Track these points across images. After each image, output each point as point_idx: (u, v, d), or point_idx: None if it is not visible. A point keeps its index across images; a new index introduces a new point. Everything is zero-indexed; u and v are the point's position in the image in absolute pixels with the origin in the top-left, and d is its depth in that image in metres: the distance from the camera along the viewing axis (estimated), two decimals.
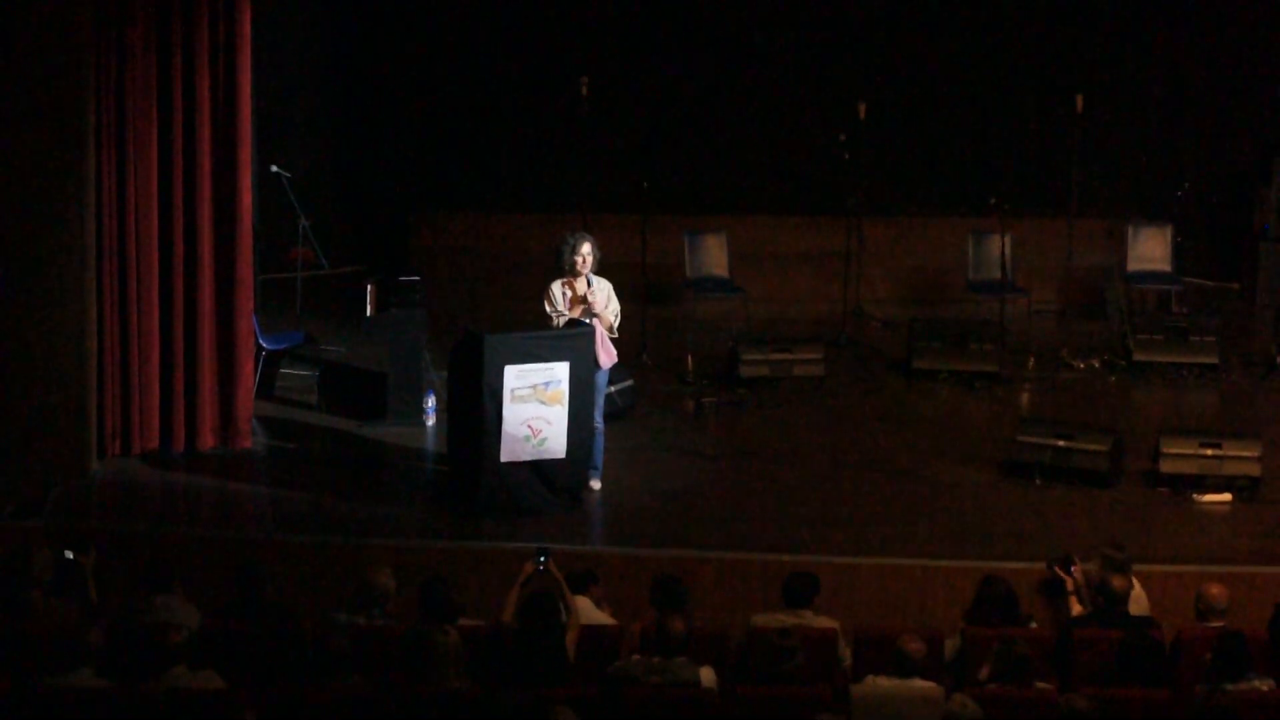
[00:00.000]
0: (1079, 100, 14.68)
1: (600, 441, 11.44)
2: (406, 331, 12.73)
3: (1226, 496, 11.47)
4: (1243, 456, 11.53)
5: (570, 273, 11.23)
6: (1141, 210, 15.40)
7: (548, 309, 11.20)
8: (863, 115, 14.82)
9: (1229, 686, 8.11)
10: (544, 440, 11.03)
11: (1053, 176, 15.75)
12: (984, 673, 8.19)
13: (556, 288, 11.23)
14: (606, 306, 11.24)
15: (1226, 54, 15.91)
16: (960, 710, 7.67)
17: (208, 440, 12.09)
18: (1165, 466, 11.58)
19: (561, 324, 11.16)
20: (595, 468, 11.47)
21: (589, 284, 11.24)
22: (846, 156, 14.71)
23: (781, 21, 16.19)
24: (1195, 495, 11.49)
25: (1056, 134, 15.56)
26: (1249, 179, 15.85)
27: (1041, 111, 16.09)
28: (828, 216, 15.49)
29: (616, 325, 11.32)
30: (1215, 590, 9.05)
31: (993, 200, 14.33)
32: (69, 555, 9.17)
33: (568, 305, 11.20)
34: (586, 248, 11.21)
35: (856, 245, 14.92)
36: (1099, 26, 16.04)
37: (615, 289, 11.37)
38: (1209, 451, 11.55)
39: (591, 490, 11.44)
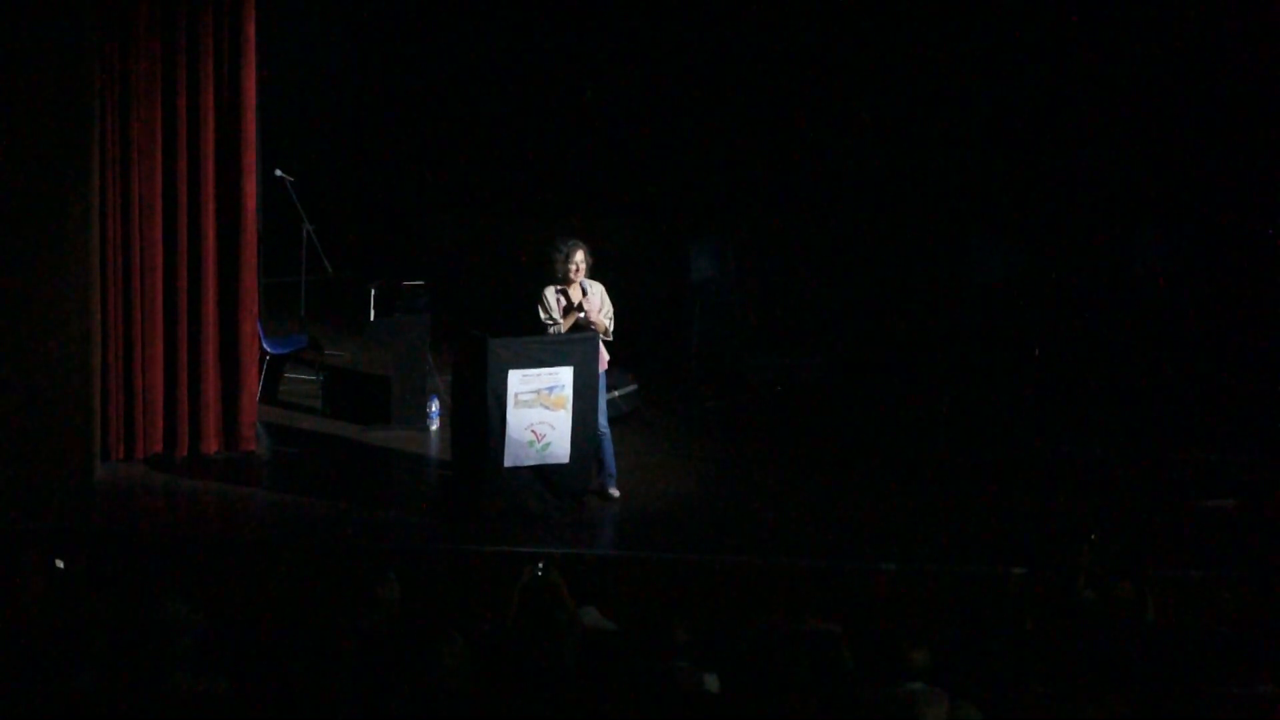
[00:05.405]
0: None
1: (609, 447, 11.42)
2: (410, 336, 12.75)
3: (1230, 501, 11.49)
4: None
5: (563, 280, 11.22)
6: None
7: (542, 315, 11.19)
8: (865, 120, 14.85)
9: (1233, 691, 8.12)
10: (547, 445, 11.04)
11: None
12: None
13: (550, 294, 11.22)
14: (600, 310, 11.25)
15: None
16: (962, 715, 7.68)
17: (211, 444, 12.11)
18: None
19: (556, 331, 11.14)
20: (611, 474, 11.44)
21: (584, 291, 11.23)
22: (849, 162, 14.76)
23: (785, 25, 16.21)
24: (1199, 500, 11.52)
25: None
26: None
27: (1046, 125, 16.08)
28: (829, 220, 15.51)
29: (612, 329, 11.31)
30: (1223, 595, 9.07)
31: None
32: (59, 564, 9.16)
33: (562, 312, 11.19)
34: (579, 255, 11.20)
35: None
36: None
37: (618, 292, 11.37)
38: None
39: (611, 497, 11.42)
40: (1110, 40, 15.75)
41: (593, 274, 11.29)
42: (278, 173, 13.56)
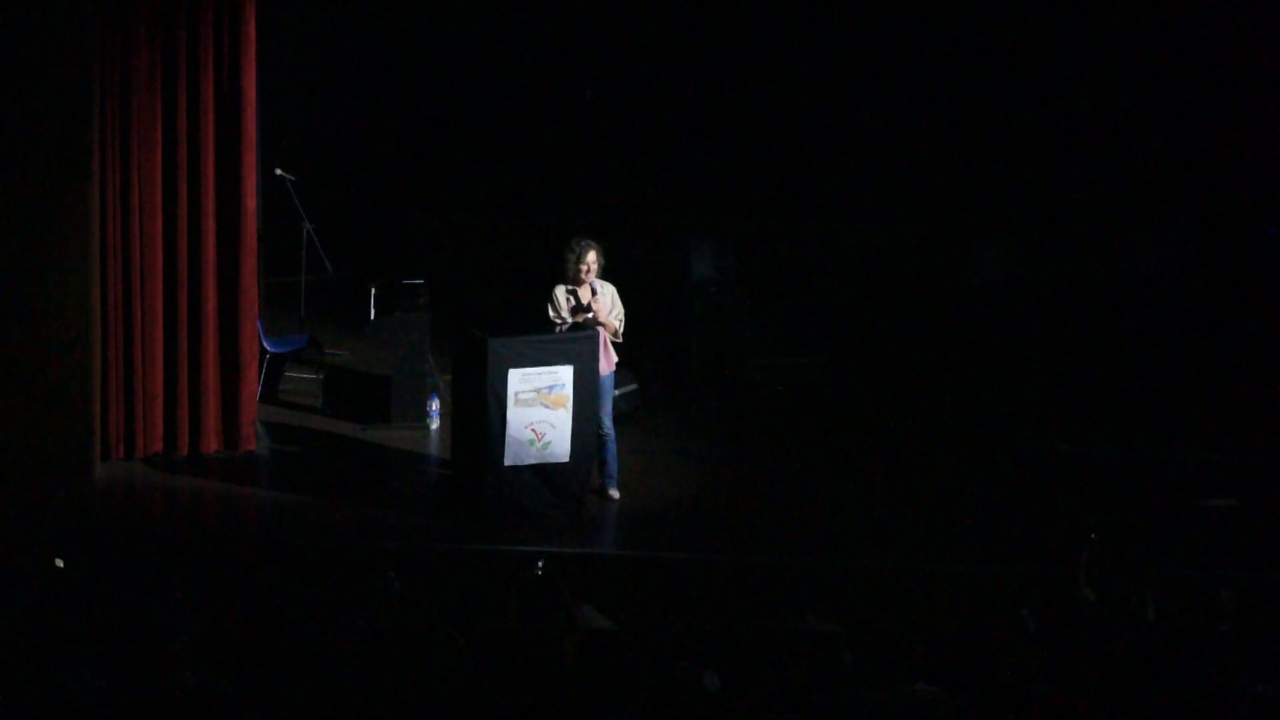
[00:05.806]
0: None
1: (613, 449, 11.40)
2: (410, 335, 12.74)
3: (1230, 501, 11.48)
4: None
5: (574, 280, 11.23)
6: None
7: (551, 314, 11.19)
8: (865, 120, 14.84)
9: (1236, 691, 8.11)
10: (548, 444, 11.03)
11: None
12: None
13: (560, 293, 11.23)
14: (611, 311, 11.24)
15: None
16: (961, 714, 7.67)
17: (211, 444, 12.11)
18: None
19: (565, 330, 11.15)
20: (611, 476, 11.43)
21: (593, 291, 11.23)
22: (850, 162, 14.75)
23: (785, 25, 16.21)
24: (1199, 500, 11.51)
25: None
26: None
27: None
28: (828, 219, 15.51)
29: (621, 330, 11.31)
30: (1223, 594, 9.05)
31: None
32: (59, 564, 9.15)
33: (571, 312, 11.19)
34: (591, 256, 11.20)
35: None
36: None
37: (619, 292, 11.36)
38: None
39: (611, 499, 11.41)
40: (1110, 40, 15.76)
41: (603, 275, 11.29)
42: (278, 172, 13.56)
